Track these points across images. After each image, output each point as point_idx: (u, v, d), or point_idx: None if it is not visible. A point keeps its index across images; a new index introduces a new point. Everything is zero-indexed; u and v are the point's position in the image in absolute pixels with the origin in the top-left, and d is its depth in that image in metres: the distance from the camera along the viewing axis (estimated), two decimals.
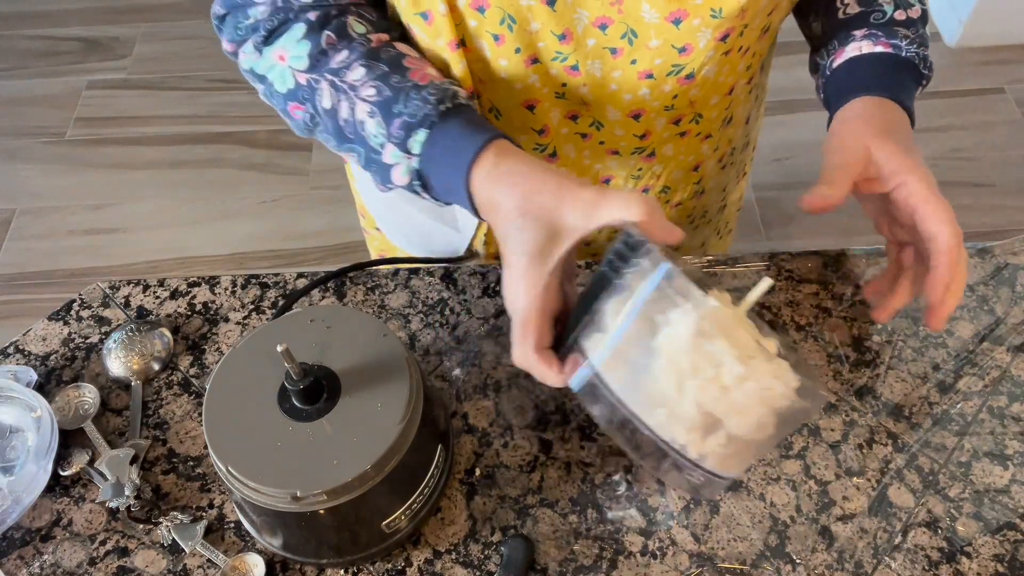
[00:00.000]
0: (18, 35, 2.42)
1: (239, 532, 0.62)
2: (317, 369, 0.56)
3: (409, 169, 0.60)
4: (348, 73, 0.62)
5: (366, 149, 0.62)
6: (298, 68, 0.63)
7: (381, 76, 0.62)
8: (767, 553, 0.60)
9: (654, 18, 0.63)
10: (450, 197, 0.60)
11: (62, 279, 1.89)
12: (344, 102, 0.62)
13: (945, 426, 0.66)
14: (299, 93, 0.64)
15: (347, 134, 0.63)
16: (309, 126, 0.66)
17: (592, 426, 0.66)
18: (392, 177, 0.61)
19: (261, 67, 0.66)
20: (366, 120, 0.61)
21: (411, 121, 0.59)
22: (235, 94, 2.24)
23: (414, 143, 0.59)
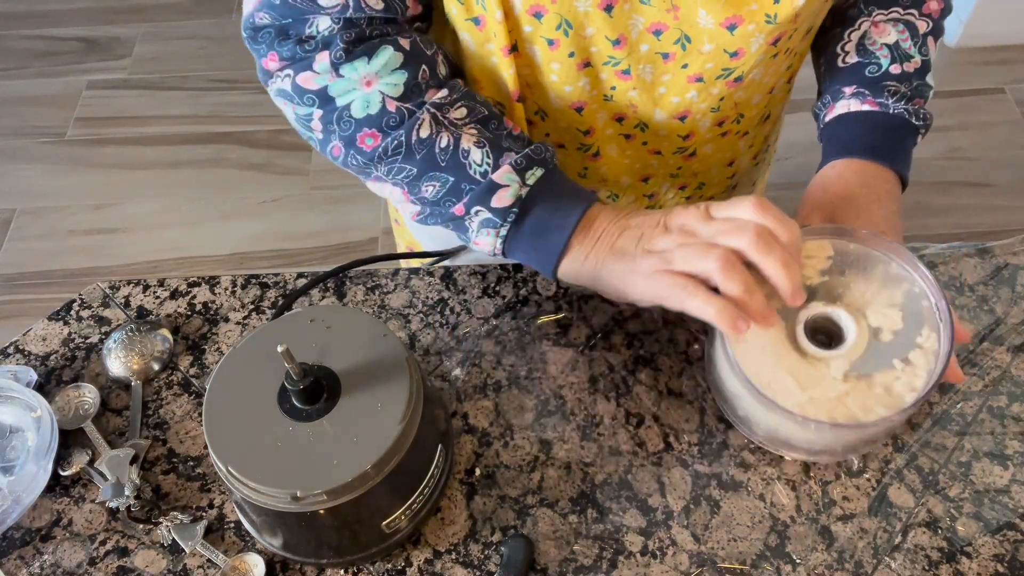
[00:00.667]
0: (18, 35, 2.42)
1: (239, 532, 0.62)
2: (317, 369, 0.56)
3: (516, 194, 0.62)
4: (451, 111, 0.64)
5: (458, 178, 0.62)
6: (391, 95, 0.62)
7: (482, 119, 0.65)
8: (767, 553, 0.60)
9: (709, 24, 0.63)
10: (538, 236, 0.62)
11: (62, 279, 1.89)
12: (446, 133, 0.63)
13: (945, 426, 0.66)
14: (384, 119, 0.62)
15: (439, 162, 0.63)
16: (382, 156, 0.63)
17: (592, 426, 0.66)
18: (493, 199, 0.62)
19: (337, 89, 0.62)
20: (472, 149, 0.62)
21: (534, 156, 0.63)
22: (235, 94, 2.24)
23: (531, 175, 0.62)
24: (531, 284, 0.74)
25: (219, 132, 2.16)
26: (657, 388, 0.68)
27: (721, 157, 0.80)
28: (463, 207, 0.63)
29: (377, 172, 0.65)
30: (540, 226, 0.62)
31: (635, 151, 0.77)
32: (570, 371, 0.69)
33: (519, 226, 0.62)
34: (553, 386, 0.68)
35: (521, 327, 0.72)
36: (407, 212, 0.67)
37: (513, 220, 0.62)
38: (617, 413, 0.67)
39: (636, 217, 0.61)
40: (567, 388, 0.68)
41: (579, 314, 0.72)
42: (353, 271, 0.75)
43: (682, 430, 0.66)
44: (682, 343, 0.71)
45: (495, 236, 0.63)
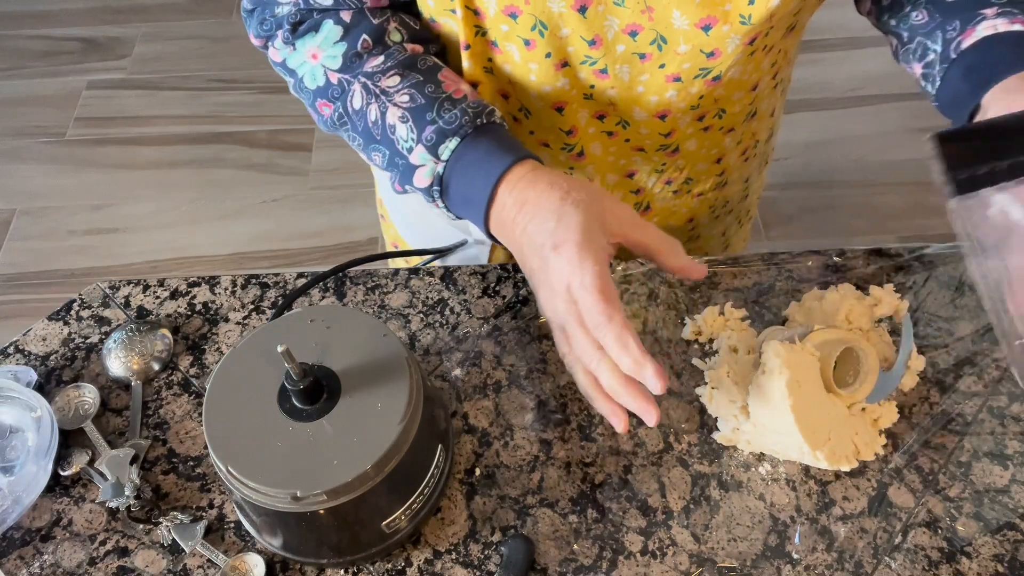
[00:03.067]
0: (18, 35, 2.42)
1: (239, 532, 0.62)
2: (317, 369, 0.56)
3: (433, 173, 0.62)
4: (383, 79, 0.64)
5: (391, 152, 0.64)
6: (331, 67, 0.65)
7: (416, 84, 0.64)
8: (767, 553, 0.60)
9: (684, 25, 0.63)
10: (463, 207, 0.62)
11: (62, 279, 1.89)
12: (375, 105, 0.64)
13: (945, 426, 0.66)
14: (329, 91, 0.66)
15: (374, 135, 0.65)
16: (335, 123, 0.67)
17: (592, 426, 0.66)
18: (414, 179, 0.63)
19: (293, 61, 0.68)
20: (397, 124, 0.63)
21: (446, 128, 0.61)
22: (235, 94, 2.24)
23: (444, 149, 0.61)
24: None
25: (219, 132, 2.16)
26: None
27: (706, 153, 0.80)
28: (399, 184, 0.65)
29: (344, 138, 0.69)
30: (463, 197, 0.62)
31: (619, 148, 0.77)
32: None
33: (448, 198, 0.64)
34: (553, 386, 0.68)
35: (521, 327, 0.72)
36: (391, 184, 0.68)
37: (439, 195, 0.63)
38: None
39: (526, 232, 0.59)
40: (567, 388, 0.68)
41: None
42: (353, 271, 0.75)
43: (682, 430, 0.66)
44: (682, 344, 0.71)
45: (441, 207, 0.65)
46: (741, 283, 0.74)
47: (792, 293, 0.73)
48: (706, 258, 0.76)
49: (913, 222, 1.92)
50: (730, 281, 0.74)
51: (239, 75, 2.28)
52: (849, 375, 0.64)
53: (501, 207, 0.60)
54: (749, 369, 0.66)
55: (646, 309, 0.73)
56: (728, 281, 0.74)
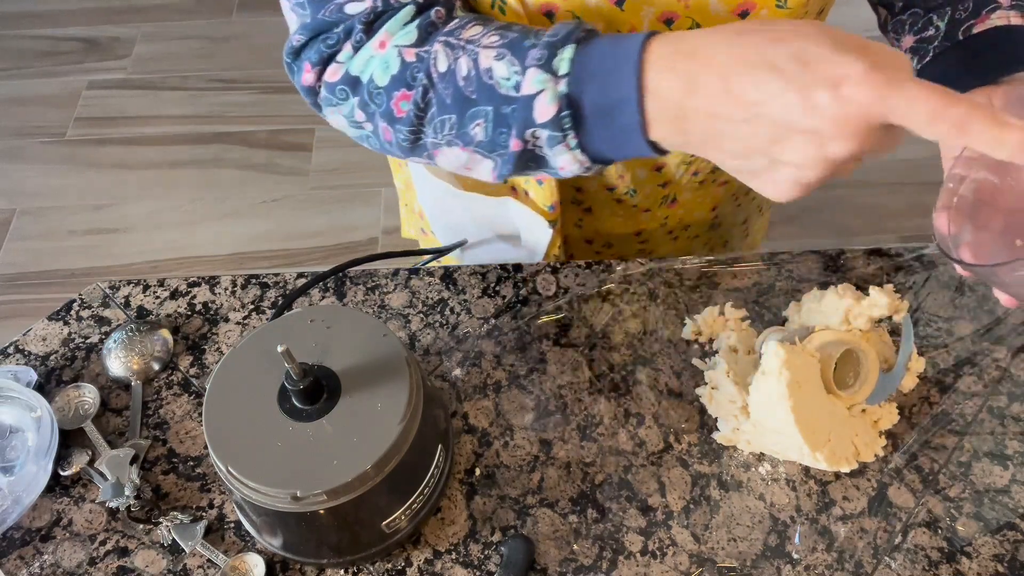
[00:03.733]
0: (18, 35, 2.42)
1: (239, 532, 0.62)
2: (317, 369, 0.56)
3: (556, 95, 0.49)
4: (463, 31, 0.55)
5: (495, 103, 0.52)
6: (405, 44, 0.56)
7: (501, 27, 0.54)
8: (767, 553, 0.60)
9: (721, 11, 0.62)
10: (604, 123, 0.49)
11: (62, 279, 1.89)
12: (463, 57, 0.53)
13: (945, 426, 0.66)
14: (407, 72, 0.56)
15: (468, 94, 0.53)
16: (419, 115, 0.56)
17: (592, 426, 0.66)
18: (535, 114, 0.50)
19: (356, 65, 0.57)
20: (493, 65, 0.52)
21: (553, 40, 0.50)
22: (235, 94, 2.24)
23: (560, 62, 0.49)
24: (531, 284, 0.74)
25: (219, 132, 2.15)
26: (657, 388, 0.68)
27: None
28: (517, 139, 0.52)
29: (430, 139, 0.57)
30: (602, 111, 0.49)
31: None
32: (570, 371, 0.69)
33: (582, 125, 0.50)
34: (553, 386, 0.68)
35: (521, 327, 0.72)
36: (484, 171, 0.57)
37: (570, 124, 0.50)
38: (617, 413, 0.67)
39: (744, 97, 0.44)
40: (567, 388, 0.68)
41: (579, 314, 0.72)
42: (353, 271, 0.75)
43: (682, 430, 0.66)
44: (682, 344, 0.71)
45: (569, 151, 0.51)
46: (741, 283, 0.74)
47: (792, 293, 0.73)
48: (706, 258, 0.76)
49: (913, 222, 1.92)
50: (730, 281, 0.74)
51: (239, 75, 2.28)
52: (849, 376, 0.64)
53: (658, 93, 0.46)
54: (749, 369, 0.66)
55: (646, 309, 0.73)
56: (728, 281, 0.74)
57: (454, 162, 0.58)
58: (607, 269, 0.75)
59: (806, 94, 0.41)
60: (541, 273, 0.75)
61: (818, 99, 0.41)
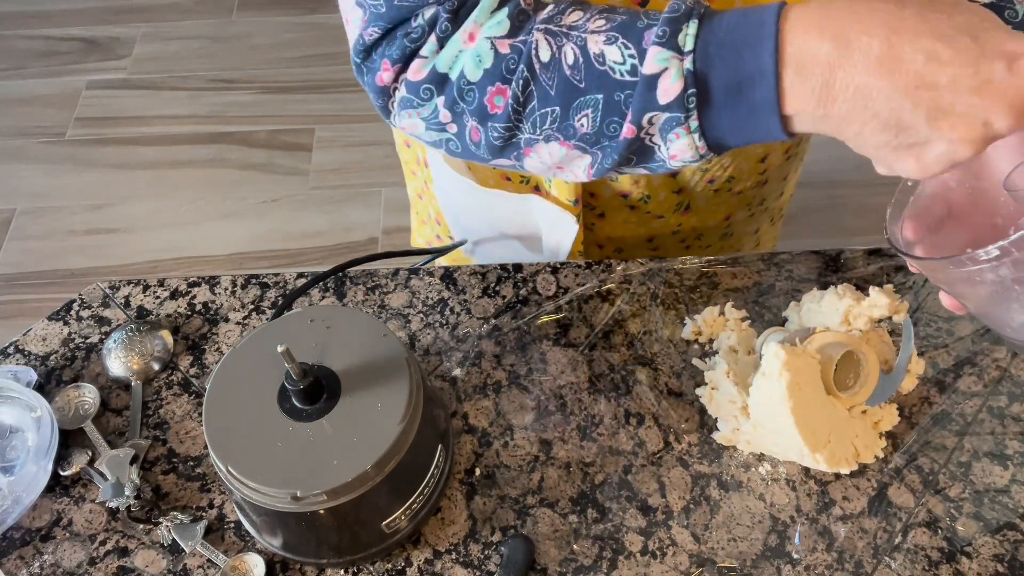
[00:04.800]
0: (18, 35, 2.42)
1: (239, 532, 0.62)
2: (317, 369, 0.56)
3: (682, 72, 0.45)
4: (563, 18, 0.51)
5: (608, 90, 0.49)
6: (498, 35, 0.51)
7: (604, 10, 0.50)
8: (767, 553, 0.60)
9: None
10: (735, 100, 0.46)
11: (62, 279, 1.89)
12: (568, 45, 0.50)
13: (945, 426, 0.66)
14: (503, 65, 0.51)
15: (577, 84, 0.49)
16: (516, 109, 0.52)
17: (592, 426, 0.66)
18: (658, 94, 0.46)
19: (443, 62, 0.53)
20: (605, 50, 0.48)
21: (675, 16, 0.46)
22: (235, 94, 2.24)
23: (685, 38, 0.45)
24: (531, 284, 0.74)
25: (219, 132, 2.15)
26: (657, 388, 0.68)
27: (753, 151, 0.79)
28: (631, 125, 0.48)
29: (526, 135, 0.53)
30: (731, 88, 0.45)
31: None
32: (570, 371, 0.69)
33: (707, 105, 0.46)
34: (553, 386, 0.68)
35: (521, 327, 0.72)
36: (579, 169, 0.54)
37: (695, 105, 0.46)
38: (617, 413, 0.67)
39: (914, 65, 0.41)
40: (567, 388, 0.68)
41: (579, 314, 0.72)
42: (353, 271, 0.75)
43: (682, 430, 0.66)
44: (682, 344, 0.71)
45: (688, 135, 0.47)
46: (741, 283, 0.74)
47: (792, 293, 0.73)
48: (706, 258, 0.76)
49: None
50: (730, 281, 0.74)
51: (239, 75, 2.28)
52: (849, 378, 0.64)
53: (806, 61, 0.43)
54: (749, 370, 0.66)
55: (646, 309, 0.73)
56: (728, 281, 0.74)
57: (547, 160, 0.55)
58: (607, 269, 0.75)
59: (980, 66, 0.40)
60: (541, 273, 0.75)
61: (993, 72, 0.40)
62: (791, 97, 0.44)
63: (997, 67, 0.40)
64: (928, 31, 0.41)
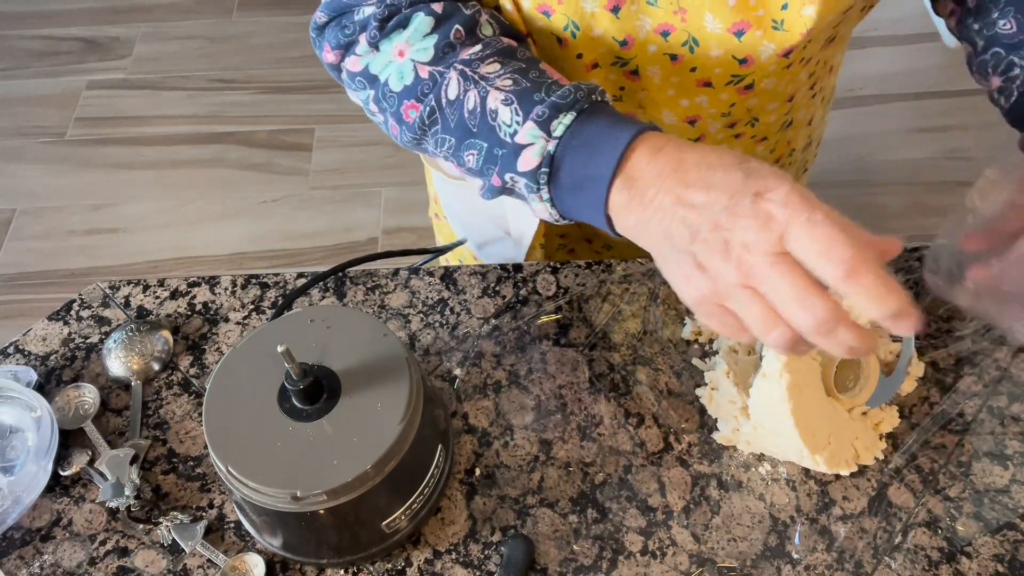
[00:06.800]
0: (18, 35, 2.42)
1: (239, 532, 0.62)
2: (317, 369, 0.56)
3: (543, 152, 0.53)
4: (482, 66, 0.58)
5: (490, 142, 0.56)
6: (421, 60, 0.60)
7: (519, 70, 0.57)
8: (767, 553, 0.60)
9: (717, 29, 0.63)
10: (574, 193, 0.53)
11: (62, 279, 1.89)
12: (473, 91, 0.57)
13: (945, 426, 0.66)
14: (418, 88, 0.60)
15: (470, 127, 0.57)
16: (422, 127, 0.60)
17: (592, 426, 0.66)
18: (519, 162, 0.54)
19: (376, 65, 0.62)
20: (499, 108, 0.55)
21: (559, 103, 0.53)
22: (235, 94, 2.24)
23: (558, 125, 0.53)
24: (531, 284, 0.74)
25: (219, 132, 2.16)
26: (657, 388, 0.68)
27: None
28: (498, 177, 0.57)
29: (430, 147, 0.62)
30: (576, 180, 0.53)
31: None
32: (570, 371, 0.69)
33: (557, 184, 0.54)
34: (553, 386, 0.68)
35: (521, 327, 0.72)
36: (476, 189, 0.61)
37: (546, 180, 0.54)
38: (617, 413, 0.67)
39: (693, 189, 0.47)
40: (567, 388, 0.68)
41: (579, 314, 0.72)
42: (353, 271, 0.75)
43: (682, 430, 0.66)
44: (682, 344, 0.71)
45: (541, 202, 0.55)
46: None
47: None
48: None
49: (913, 222, 1.92)
50: None
51: (239, 75, 2.28)
52: (849, 379, 0.64)
53: (635, 177, 0.50)
54: (749, 370, 0.66)
55: (646, 309, 0.73)
56: None
57: (451, 170, 0.64)
58: (607, 269, 0.75)
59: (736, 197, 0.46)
60: (541, 273, 0.75)
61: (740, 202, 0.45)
62: (616, 207, 0.51)
63: (747, 204, 0.45)
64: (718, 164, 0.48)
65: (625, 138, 0.50)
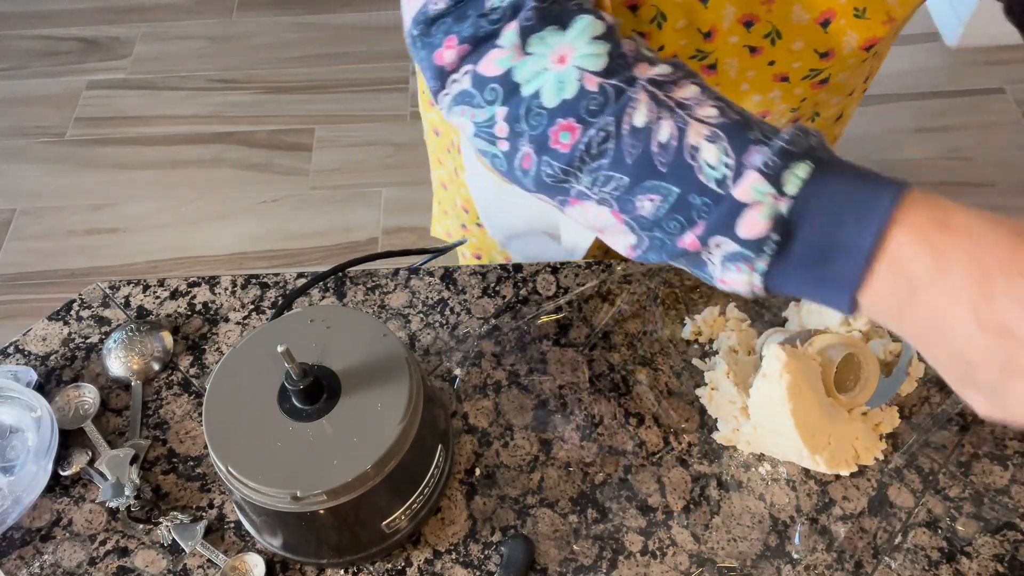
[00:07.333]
0: (18, 35, 2.42)
1: (239, 532, 0.62)
2: (317, 369, 0.56)
3: (773, 213, 0.41)
4: (675, 89, 0.46)
5: (686, 187, 0.44)
6: (590, 68, 0.46)
7: (722, 99, 0.46)
8: (767, 553, 0.60)
9: (804, 19, 0.60)
10: (814, 265, 0.42)
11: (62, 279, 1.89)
12: (669, 121, 0.45)
13: (945, 426, 0.66)
14: (584, 103, 0.46)
15: (657, 166, 0.44)
16: (582, 158, 0.46)
17: (592, 426, 0.66)
18: (739, 226, 0.42)
19: (523, 72, 0.47)
20: (702, 145, 0.43)
21: (790, 149, 0.42)
22: (235, 94, 2.24)
23: (791, 178, 0.41)
24: (531, 284, 0.74)
25: (219, 132, 2.15)
26: (657, 388, 0.68)
27: None
28: (695, 239, 0.44)
29: (582, 187, 0.48)
30: (816, 250, 0.41)
31: None
32: (570, 371, 0.69)
33: (784, 255, 0.42)
34: (553, 386, 0.68)
35: (521, 327, 0.72)
36: (620, 244, 0.49)
37: (773, 252, 0.42)
38: (617, 413, 0.67)
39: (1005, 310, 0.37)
40: (567, 388, 0.68)
41: (579, 314, 0.72)
42: (353, 271, 0.75)
43: (682, 430, 0.66)
44: (682, 344, 0.71)
45: (750, 272, 0.43)
46: None
47: None
48: None
49: None
50: None
51: (239, 75, 2.28)
52: (850, 380, 0.64)
53: (899, 259, 0.39)
54: (749, 370, 0.66)
55: (646, 309, 0.73)
56: None
57: (591, 220, 0.49)
58: (607, 269, 0.75)
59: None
60: (541, 273, 0.75)
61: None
62: (872, 289, 0.40)
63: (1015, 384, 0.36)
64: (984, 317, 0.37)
65: (887, 201, 0.40)
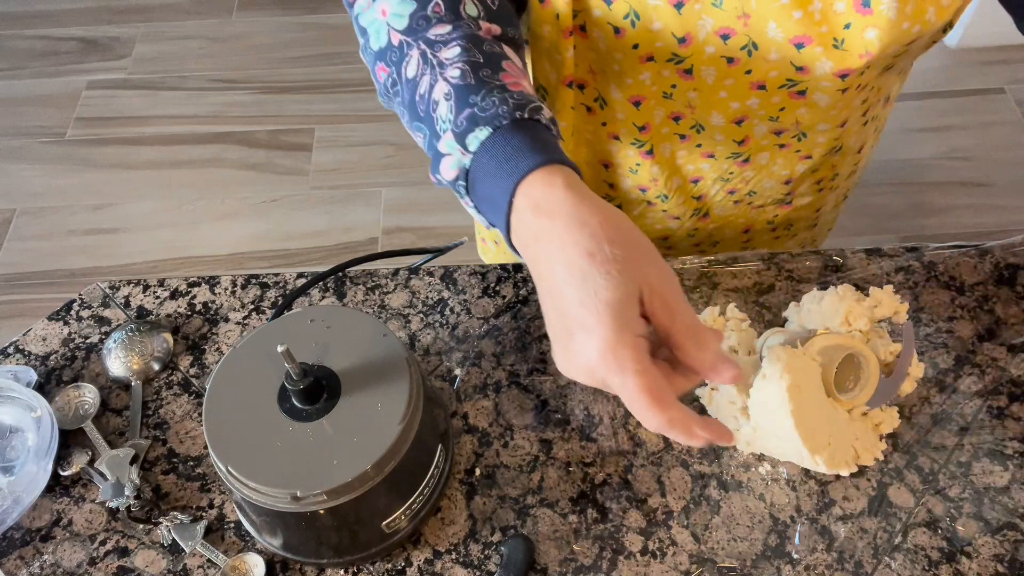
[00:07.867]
0: (18, 35, 2.42)
1: (239, 532, 0.62)
2: (317, 369, 0.56)
3: (459, 165, 0.52)
4: (443, 49, 0.56)
5: (430, 132, 0.55)
6: (395, 27, 0.58)
7: (472, 63, 0.55)
8: (767, 553, 0.60)
9: (778, 37, 0.62)
10: (488, 213, 0.53)
11: (62, 279, 1.89)
12: (427, 76, 0.56)
13: (945, 426, 0.66)
14: (388, 54, 0.58)
15: (419, 110, 0.56)
16: (388, 93, 0.60)
17: (592, 426, 0.66)
18: (440, 168, 0.53)
19: (366, 17, 0.60)
20: (440, 101, 0.54)
21: (480, 115, 0.52)
22: (235, 94, 2.24)
23: (473, 139, 0.52)
24: (531, 284, 0.74)
25: (219, 132, 2.16)
26: None
27: (777, 171, 0.79)
28: (431, 171, 0.56)
29: (395, 110, 0.61)
30: (487, 199, 0.53)
31: (688, 152, 0.77)
32: None
33: (475, 196, 0.54)
34: (553, 386, 0.68)
35: (521, 327, 0.72)
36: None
37: (465, 191, 0.53)
38: (617, 413, 0.67)
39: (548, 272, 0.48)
40: (567, 388, 0.68)
41: None
42: (353, 271, 0.75)
43: None
44: None
45: (469, 207, 0.55)
46: (741, 283, 0.74)
47: (792, 293, 0.73)
48: (706, 258, 0.76)
49: (913, 222, 1.92)
50: (730, 281, 0.74)
51: (239, 75, 2.28)
52: (850, 380, 0.64)
53: (519, 217, 0.50)
54: (749, 370, 0.66)
55: None
56: (728, 281, 0.74)
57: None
58: None
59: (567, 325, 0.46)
60: None
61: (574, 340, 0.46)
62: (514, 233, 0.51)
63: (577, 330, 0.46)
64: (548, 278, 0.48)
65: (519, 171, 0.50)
